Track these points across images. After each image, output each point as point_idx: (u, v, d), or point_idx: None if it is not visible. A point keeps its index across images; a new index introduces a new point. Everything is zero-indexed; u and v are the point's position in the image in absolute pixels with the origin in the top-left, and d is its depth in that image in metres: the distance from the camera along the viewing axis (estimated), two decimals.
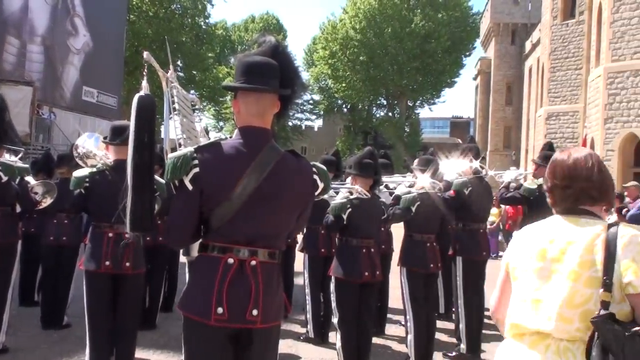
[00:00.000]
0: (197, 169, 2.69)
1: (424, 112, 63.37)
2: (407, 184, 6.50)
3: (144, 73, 3.08)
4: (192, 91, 41.87)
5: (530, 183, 7.52)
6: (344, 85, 54.41)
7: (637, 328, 2.11)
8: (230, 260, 2.73)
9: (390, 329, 8.08)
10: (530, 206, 7.62)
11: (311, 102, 63.70)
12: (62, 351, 6.46)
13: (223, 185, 2.71)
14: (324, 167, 3.03)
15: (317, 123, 70.63)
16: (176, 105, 3.13)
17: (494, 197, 9.20)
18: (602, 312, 2.17)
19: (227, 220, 2.73)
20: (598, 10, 25.01)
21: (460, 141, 70.84)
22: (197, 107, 4.60)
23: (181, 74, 40.62)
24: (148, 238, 6.97)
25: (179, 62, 40.33)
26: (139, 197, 2.99)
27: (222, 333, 2.72)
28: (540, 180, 7.45)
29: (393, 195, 6.46)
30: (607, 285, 2.20)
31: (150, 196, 3.05)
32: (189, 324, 2.80)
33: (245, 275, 2.74)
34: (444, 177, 7.34)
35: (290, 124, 60.91)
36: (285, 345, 7.13)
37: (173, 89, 3.16)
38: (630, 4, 22.30)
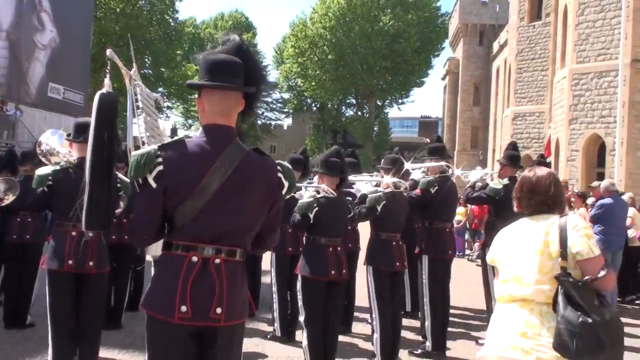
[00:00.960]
0: (160, 167, 2.68)
1: (393, 112, 63.74)
2: (373, 183, 6.52)
3: (107, 70, 3.06)
4: (160, 89, 41.54)
5: (496, 183, 7.61)
6: (313, 84, 54.46)
7: (586, 278, 3.15)
8: (194, 259, 2.73)
9: (357, 327, 8.11)
10: (496, 206, 7.71)
11: (280, 100, 63.60)
12: (25, 351, 6.38)
13: (187, 183, 2.70)
14: (289, 166, 3.04)
15: (287, 122, 70.61)
16: (140, 104, 3.11)
17: (460, 197, 9.31)
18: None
19: (190, 218, 2.72)
20: (564, 13, 25.40)
21: (429, 141, 71.33)
22: (160, 105, 4.58)
23: (149, 72, 40.24)
24: (114, 237, 6.91)
25: (147, 60, 39.95)
26: (96, 195, 2.96)
27: (185, 331, 2.71)
28: (506, 180, 7.55)
29: (359, 195, 6.49)
30: (564, 255, 3.22)
31: (108, 194, 3.02)
32: (153, 322, 2.78)
33: (209, 273, 2.73)
34: (411, 176, 7.40)
35: (259, 122, 60.73)
36: (252, 344, 7.13)
37: (136, 87, 3.14)
38: (595, 6, 22.68)
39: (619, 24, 21.29)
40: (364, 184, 6.50)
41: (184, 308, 2.68)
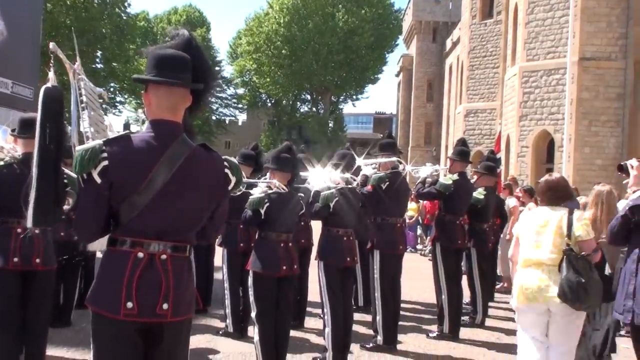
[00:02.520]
0: (105, 162, 2.65)
1: (347, 108, 64.12)
2: (326, 180, 6.54)
3: (51, 64, 3.01)
4: (112, 84, 40.85)
5: (446, 179, 7.73)
6: (268, 80, 54.30)
7: (583, 253, 4.81)
8: (140, 255, 2.71)
9: (309, 322, 8.15)
10: (446, 201, 7.84)
11: (235, 96, 63.22)
12: None
13: (132, 179, 2.68)
14: (236, 162, 3.04)
15: (241, 117, 70.22)
16: (84, 98, 3.06)
17: (412, 192, 9.43)
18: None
19: (136, 214, 2.70)
20: (514, 11, 25.83)
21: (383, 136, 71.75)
22: (105, 100, 4.52)
23: (101, 66, 39.55)
24: (62, 233, 6.80)
25: (98, 54, 39.22)
26: (43, 191, 2.92)
27: (131, 328, 2.70)
28: (455, 176, 7.68)
29: (312, 192, 6.51)
30: (569, 236, 4.85)
31: (55, 190, 2.98)
32: (98, 319, 2.77)
33: (155, 269, 2.73)
34: (362, 172, 7.45)
35: (213, 118, 60.33)
36: (204, 340, 7.11)
37: (80, 81, 3.09)
38: (544, 5, 23.13)
39: (567, 22, 21.77)
40: (316, 181, 6.51)
41: (129, 304, 2.67)
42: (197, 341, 7.03)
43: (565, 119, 21.51)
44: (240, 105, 64.71)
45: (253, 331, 5.93)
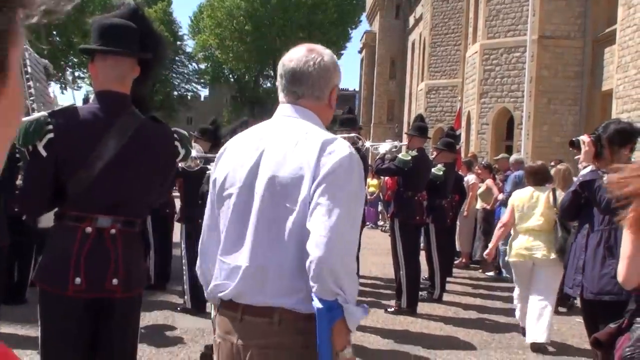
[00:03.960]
0: (51, 135, 2.60)
1: None
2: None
3: None
4: (71, 57, 40.03)
5: (405, 155, 7.75)
6: (230, 55, 53.74)
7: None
8: (88, 229, 2.67)
9: None
10: (405, 177, 7.87)
11: (197, 71, 62.49)
12: None
13: (79, 152, 2.63)
14: (185, 133, 3.01)
15: (204, 93, 69.49)
16: (28, 69, 2.98)
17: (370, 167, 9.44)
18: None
19: (84, 188, 2.65)
20: None
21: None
22: (50, 72, 4.39)
23: (58, 39, 38.71)
24: (16, 209, 6.65)
25: (55, 27, 38.34)
26: None
27: (80, 304, 2.67)
28: (414, 152, 7.70)
29: None
30: (556, 207, 6.02)
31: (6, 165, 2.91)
32: (46, 296, 2.72)
33: (104, 244, 2.69)
34: None
35: (175, 93, 59.57)
36: (162, 316, 7.08)
37: (25, 52, 3.00)
38: None
39: (528, 1, 21.90)
40: None
41: (78, 280, 2.63)
42: (155, 317, 7.00)
43: (524, 97, 21.72)
44: (202, 81, 63.96)
45: (211, 307, 5.91)
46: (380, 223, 20.15)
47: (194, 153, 6.08)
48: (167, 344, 6.16)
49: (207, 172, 5.76)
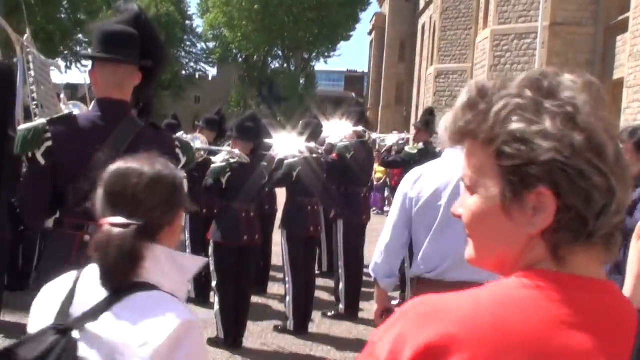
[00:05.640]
0: (49, 143, 2.58)
1: (319, 65, 63.47)
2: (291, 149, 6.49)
3: None
4: (79, 36, 39.86)
5: (411, 148, 7.71)
6: (239, 34, 53.48)
7: None
8: (87, 238, 2.64)
9: (273, 288, 8.13)
10: (410, 169, 7.80)
11: (205, 51, 62.24)
12: None
13: (78, 160, 2.60)
14: (188, 141, 2.98)
15: (212, 72, 69.20)
16: (32, 72, 2.94)
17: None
18: None
19: (82, 196, 2.62)
20: None
21: (355, 95, 71.48)
22: (62, 72, 4.39)
23: (67, 17, 38.58)
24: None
25: (65, 4, 38.26)
26: None
27: None
28: (421, 145, 7.66)
29: (276, 160, 6.45)
30: None
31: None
32: None
33: None
34: (327, 140, 7.39)
35: (183, 73, 59.42)
36: None
37: (29, 55, 2.96)
38: None
39: None
40: (281, 148, 6.46)
41: None
42: None
43: None
44: (210, 60, 63.71)
45: (214, 298, 5.93)
46: (387, 209, 20.11)
47: (198, 144, 6.07)
48: None
49: (211, 165, 5.74)
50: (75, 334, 1.57)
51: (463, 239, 2.42)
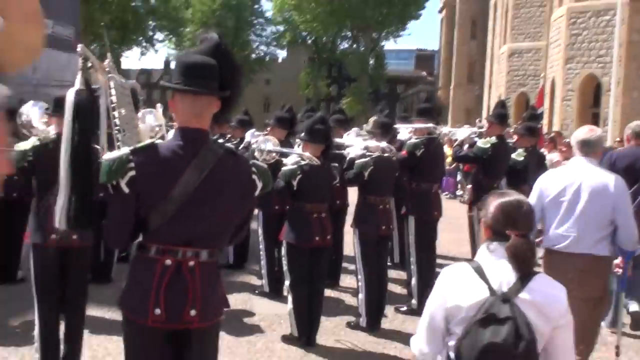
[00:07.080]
0: (133, 172, 2.69)
1: (388, 44, 62.81)
2: (362, 146, 6.50)
3: (80, 66, 2.98)
4: (150, 22, 40.72)
5: (484, 142, 7.59)
6: (308, 16, 53.50)
7: None
8: (168, 262, 2.76)
9: (345, 280, 8.18)
10: (483, 165, 7.71)
11: (275, 33, 62.54)
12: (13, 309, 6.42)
13: (160, 188, 2.71)
14: (264, 166, 3.05)
15: (281, 55, 69.54)
16: (113, 98, 3.05)
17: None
18: None
19: (164, 222, 2.73)
20: None
21: (425, 74, 70.43)
22: (137, 94, 4.50)
23: (139, 4, 39.45)
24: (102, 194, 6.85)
25: None
26: (76, 193, 3.00)
27: (160, 333, 2.77)
28: (493, 139, 7.54)
29: (347, 159, 6.48)
30: None
31: (85, 193, 3.04)
32: (128, 323, 2.85)
33: (183, 276, 2.77)
34: (398, 137, 7.37)
35: (253, 56, 59.90)
36: (240, 300, 7.24)
37: (110, 81, 3.07)
38: None
39: None
40: (353, 147, 6.49)
41: (157, 311, 2.73)
42: (234, 300, 7.11)
43: (613, 62, 20.75)
44: (280, 42, 64.00)
45: (287, 291, 6.04)
46: (459, 193, 19.88)
47: (270, 146, 6.16)
48: (245, 332, 6.31)
49: (282, 167, 5.81)
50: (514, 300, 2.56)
51: (579, 225, 4.41)
